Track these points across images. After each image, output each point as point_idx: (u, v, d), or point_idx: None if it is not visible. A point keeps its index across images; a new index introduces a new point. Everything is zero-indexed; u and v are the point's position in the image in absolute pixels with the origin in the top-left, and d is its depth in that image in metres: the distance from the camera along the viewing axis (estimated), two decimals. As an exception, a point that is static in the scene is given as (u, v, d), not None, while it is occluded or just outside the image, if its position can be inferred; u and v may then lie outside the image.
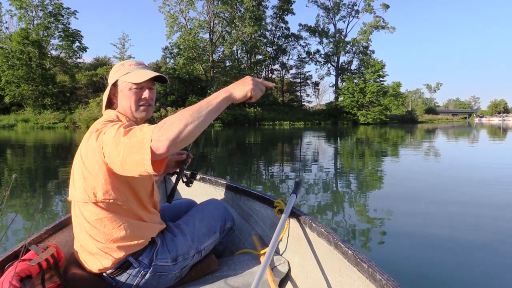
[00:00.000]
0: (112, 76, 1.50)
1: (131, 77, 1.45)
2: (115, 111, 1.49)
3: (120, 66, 1.52)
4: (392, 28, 55.32)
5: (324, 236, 1.52)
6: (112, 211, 1.36)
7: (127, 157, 1.14)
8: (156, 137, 1.08)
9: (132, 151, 1.12)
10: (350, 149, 13.76)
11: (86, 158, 1.31)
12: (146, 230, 1.46)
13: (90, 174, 1.31)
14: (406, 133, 26.07)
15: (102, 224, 1.36)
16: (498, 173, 7.32)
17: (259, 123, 42.25)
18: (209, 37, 45.45)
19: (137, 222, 1.42)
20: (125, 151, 1.14)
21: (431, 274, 2.69)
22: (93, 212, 1.35)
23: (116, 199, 1.35)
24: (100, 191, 1.32)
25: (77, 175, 1.36)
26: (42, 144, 15.03)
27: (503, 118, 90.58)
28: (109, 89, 1.49)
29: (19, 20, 38.86)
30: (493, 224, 3.96)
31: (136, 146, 1.11)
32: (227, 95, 1.20)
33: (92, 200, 1.33)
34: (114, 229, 1.37)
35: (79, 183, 1.35)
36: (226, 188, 2.31)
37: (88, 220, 1.37)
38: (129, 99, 1.47)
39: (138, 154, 1.11)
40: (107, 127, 1.28)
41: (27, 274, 1.32)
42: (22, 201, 4.77)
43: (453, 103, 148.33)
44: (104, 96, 1.52)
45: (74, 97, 40.10)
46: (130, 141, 1.13)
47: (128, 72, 1.47)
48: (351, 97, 51.28)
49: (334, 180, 6.94)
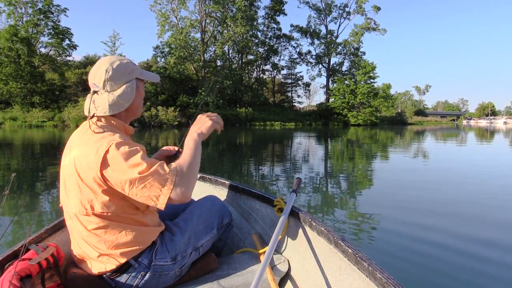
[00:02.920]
0: (130, 73, 1.43)
1: (149, 76, 1.50)
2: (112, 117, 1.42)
3: (131, 64, 1.45)
4: (383, 30, 55.96)
5: (324, 234, 1.52)
6: (113, 219, 1.34)
7: (143, 190, 1.23)
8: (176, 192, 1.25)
9: (152, 187, 1.23)
10: (341, 149, 13.85)
11: (82, 170, 1.28)
12: (148, 233, 1.44)
13: (87, 187, 1.28)
14: (396, 134, 26.32)
15: (103, 231, 1.34)
16: (483, 172, 7.47)
17: (250, 123, 42.26)
18: (201, 37, 45.35)
19: (139, 228, 1.41)
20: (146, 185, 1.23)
21: (430, 271, 2.72)
22: (92, 222, 1.32)
23: (115, 211, 1.33)
24: (97, 204, 1.30)
25: (71, 185, 1.32)
26: (31, 143, 14.81)
27: (490, 120, 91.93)
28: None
29: (8, 16, 38.19)
30: (491, 219, 4.06)
31: (158, 184, 1.23)
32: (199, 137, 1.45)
33: (89, 213, 1.31)
34: (116, 235, 1.35)
35: (74, 194, 1.32)
36: (225, 187, 2.31)
37: (87, 228, 1.34)
38: (142, 97, 1.51)
39: (156, 191, 1.24)
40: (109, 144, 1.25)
41: (27, 274, 1.30)
42: (19, 201, 4.72)
43: (442, 105, 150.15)
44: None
45: (63, 95, 39.53)
46: (153, 178, 1.23)
47: (141, 71, 1.48)
48: (342, 98, 51.61)
49: (327, 179, 6.98)
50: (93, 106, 1.37)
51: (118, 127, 1.42)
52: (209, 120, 1.50)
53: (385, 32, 56.04)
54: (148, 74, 1.51)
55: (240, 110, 43.17)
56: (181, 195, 1.25)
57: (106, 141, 1.26)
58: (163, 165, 1.26)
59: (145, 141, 16.45)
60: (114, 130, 1.37)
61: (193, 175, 1.32)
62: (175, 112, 36.09)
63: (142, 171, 1.21)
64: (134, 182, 1.21)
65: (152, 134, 22.47)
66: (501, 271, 2.82)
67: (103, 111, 1.36)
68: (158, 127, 33.30)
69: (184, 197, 1.26)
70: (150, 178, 1.21)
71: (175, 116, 35.85)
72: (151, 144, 14.64)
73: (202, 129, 1.48)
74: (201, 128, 1.48)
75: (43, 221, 3.85)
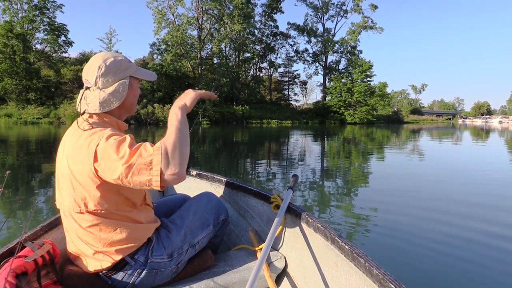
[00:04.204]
0: (124, 71, 1.41)
1: (145, 74, 1.47)
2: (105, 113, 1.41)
3: (126, 61, 1.44)
4: (380, 28, 56.01)
5: (321, 231, 1.53)
6: (107, 217, 1.33)
7: (134, 178, 1.17)
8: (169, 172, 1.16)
9: (140, 172, 1.16)
10: (338, 148, 13.88)
11: (75, 166, 1.26)
12: (142, 230, 1.44)
13: (80, 185, 1.27)
14: (392, 133, 26.40)
15: (97, 229, 1.33)
16: (478, 169, 7.52)
17: (247, 121, 42.23)
18: (197, 34, 45.23)
19: (134, 225, 1.40)
20: (134, 172, 1.17)
21: (427, 267, 2.74)
22: (86, 219, 1.32)
23: (109, 208, 1.31)
24: (91, 201, 1.28)
25: (65, 183, 1.31)
26: (26, 140, 14.73)
27: (486, 119, 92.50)
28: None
29: (3, 12, 38.00)
30: (490, 216, 4.08)
31: (145, 168, 1.16)
32: (181, 110, 1.32)
33: (82, 211, 1.30)
34: (111, 233, 1.34)
35: (67, 192, 1.31)
36: (222, 184, 2.31)
37: (82, 226, 1.33)
38: (136, 96, 1.47)
39: (146, 175, 1.16)
40: (100, 138, 1.23)
41: (22, 271, 1.29)
42: (15, 198, 4.69)
43: (437, 104, 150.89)
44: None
45: (59, 92, 39.38)
46: (137, 163, 1.16)
47: (136, 69, 1.45)
48: (339, 96, 51.74)
49: (323, 177, 6.99)
50: (84, 102, 1.37)
51: (110, 123, 1.41)
52: (192, 91, 1.41)
53: (382, 31, 56.14)
54: (144, 72, 1.48)
55: (237, 108, 43.13)
56: (173, 174, 1.16)
57: (97, 136, 1.25)
58: (146, 146, 1.19)
59: (141, 138, 16.39)
60: (106, 126, 1.35)
61: (181, 151, 1.20)
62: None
63: (127, 158, 1.17)
64: (125, 171, 1.16)
65: (149, 132, 22.42)
66: (498, 265, 2.83)
67: (93, 108, 1.35)
68: (154, 125, 33.21)
69: (178, 176, 1.17)
70: (136, 163, 1.16)
71: (171, 113, 35.75)
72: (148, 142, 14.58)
73: (185, 100, 1.37)
74: (184, 99, 1.38)
75: (39, 219, 3.83)
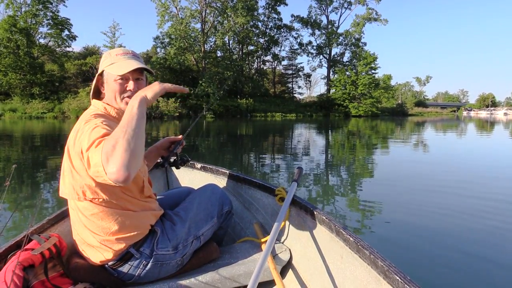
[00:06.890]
0: (100, 66, 1.49)
1: (114, 68, 1.42)
2: (103, 103, 1.47)
3: (107, 55, 1.48)
4: (385, 20, 55.53)
5: (326, 223, 1.53)
6: (106, 206, 1.34)
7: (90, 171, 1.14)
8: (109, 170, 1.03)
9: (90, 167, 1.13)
10: (342, 140, 13.85)
11: (74, 156, 1.28)
12: (143, 219, 1.45)
13: (78, 174, 1.28)
14: (397, 126, 26.28)
15: (98, 218, 1.35)
16: (482, 162, 7.48)
17: (251, 115, 42.18)
18: (201, 27, 45.03)
19: (133, 213, 1.41)
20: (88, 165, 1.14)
21: (432, 259, 2.74)
22: (87, 208, 1.34)
23: (106, 198, 1.33)
24: (88, 190, 1.30)
25: (67, 172, 1.33)
26: (31, 134, 14.81)
27: (490, 111, 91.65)
28: (96, 79, 1.49)
29: (6, 7, 37.93)
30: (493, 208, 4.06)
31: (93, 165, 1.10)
32: (140, 102, 1.20)
33: (81, 199, 1.32)
34: (111, 223, 1.36)
35: (68, 180, 1.33)
36: (227, 176, 2.32)
37: (84, 214, 1.36)
38: (113, 90, 1.44)
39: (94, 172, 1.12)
40: (85, 128, 1.24)
41: (30, 264, 1.32)
42: (21, 192, 4.73)
43: (442, 96, 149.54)
44: (92, 86, 1.52)
45: (63, 86, 39.46)
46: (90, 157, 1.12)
47: (113, 62, 1.43)
48: (343, 89, 51.45)
49: (327, 170, 6.99)
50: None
51: (109, 112, 1.46)
52: (158, 84, 1.29)
53: (386, 23, 55.65)
54: (115, 67, 1.43)
55: (241, 101, 43.06)
56: (112, 174, 1.03)
57: (92, 123, 1.26)
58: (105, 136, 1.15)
59: (145, 132, 16.40)
60: (105, 116, 1.40)
61: (121, 149, 1.03)
62: (176, 103, 35.96)
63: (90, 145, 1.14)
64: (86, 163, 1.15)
65: (153, 125, 22.44)
66: (502, 259, 2.82)
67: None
68: (159, 118, 33.23)
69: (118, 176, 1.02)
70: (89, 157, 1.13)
71: (175, 107, 35.75)
72: (152, 135, 14.62)
73: (147, 92, 1.24)
74: (146, 91, 1.25)
75: (45, 212, 3.86)
